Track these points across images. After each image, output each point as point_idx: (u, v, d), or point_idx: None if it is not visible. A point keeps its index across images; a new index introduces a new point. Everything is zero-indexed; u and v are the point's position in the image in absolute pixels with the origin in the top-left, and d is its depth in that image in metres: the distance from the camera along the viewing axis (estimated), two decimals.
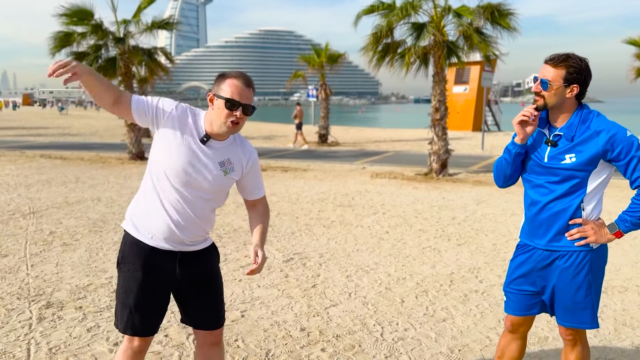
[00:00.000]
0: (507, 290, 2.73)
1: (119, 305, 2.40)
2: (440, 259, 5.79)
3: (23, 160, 14.47)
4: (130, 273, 2.37)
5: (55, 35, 14.20)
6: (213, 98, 2.31)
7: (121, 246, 2.44)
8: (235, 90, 2.27)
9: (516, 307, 2.69)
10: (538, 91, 2.51)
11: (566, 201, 2.49)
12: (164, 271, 2.40)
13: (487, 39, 12.13)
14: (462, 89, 30.18)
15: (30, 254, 5.76)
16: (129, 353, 2.40)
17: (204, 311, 2.51)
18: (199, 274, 2.48)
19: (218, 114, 2.29)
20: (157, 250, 2.37)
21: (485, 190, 10.33)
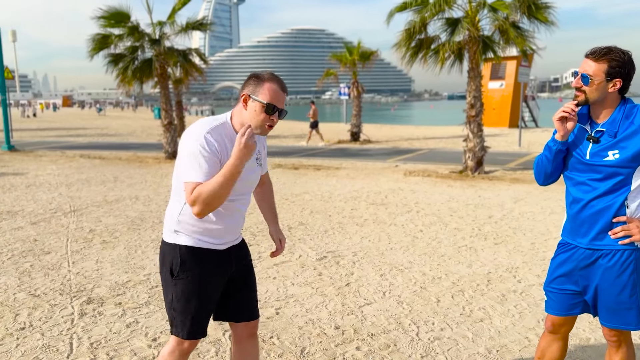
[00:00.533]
0: (547, 289, 2.67)
1: (179, 313, 2.36)
2: (476, 258, 5.69)
3: (64, 160, 14.92)
4: (189, 279, 2.35)
5: (93, 37, 14.57)
6: (248, 99, 2.31)
7: (175, 255, 2.37)
8: (274, 95, 2.30)
9: (557, 306, 2.62)
10: (579, 86, 2.43)
11: (609, 199, 2.41)
12: (221, 271, 2.44)
13: (524, 33, 11.85)
14: (498, 84, 29.61)
15: (71, 251, 5.93)
16: (177, 355, 2.41)
17: (246, 302, 2.57)
18: (243, 265, 2.57)
19: (255, 116, 2.31)
20: (216, 252, 2.42)
21: (523, 188, 10.10)
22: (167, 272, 2.39)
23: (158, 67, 14.71)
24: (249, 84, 2.34)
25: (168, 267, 2.39)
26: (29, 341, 3.66)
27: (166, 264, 2.40)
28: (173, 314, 2.38)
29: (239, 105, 2.36)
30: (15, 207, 8.31)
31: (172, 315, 2.39)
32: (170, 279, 2.38)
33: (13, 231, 6.78)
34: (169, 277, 2.38)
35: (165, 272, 2.40)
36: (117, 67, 14.84)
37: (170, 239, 2.40)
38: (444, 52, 12.05)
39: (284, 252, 5.89)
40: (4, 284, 4.82)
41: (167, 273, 2.40)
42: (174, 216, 2.40)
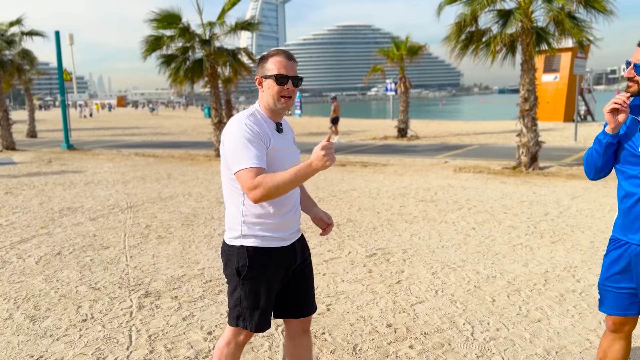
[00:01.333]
0: (602, 287, 2.57)
1: (248, 310, 2.39)
2: (532, 256, 5.52)
3: (119, 158, 15.47)
4: (258, 278, 2.38)
5: (146, 39, 15.01)
6: (261, 80, 2.38)
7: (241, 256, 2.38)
8: (280, 65, 2.35)
9: (612, 305, 2.53)
10: (631, 76, 2.35)
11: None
12: (285, 267, 2.47)
13: (580, 23, 11.37)
14: (552, 77, 28.58)
15: (128, 246, 6.14)
16: (233, 346, 2.46)
17: (304, 297, 2.59)
18: (304, 259, 2.59)
19: (270, 93, 2.35)
20: (282, 249, 2.44)
21: (580, 184, 9.72)
22: (234, 273, 2.40)
23: (208, 67, 14.99)
24: (258, 66, 2.41)
25: (234, 268, 2.40)
26: (91, 332, 3.82)
27: (232, 265, 2.41)
28: (240, 310, 2.40)
29: (259, 91, 2.41)
30: (75, 203, 8.68)
31: (238, 311, 2.41)
32: (237, 279, 2.40)
33: (74, 227, 7.08)
34: (236, 277, 2.40)
35: (231, 272, 2.42)
36: (169, 68, 15.22)
37: (235, 242, 2.40)
38: (496, 44, 11.71)
39: (334, 249, 5.89)
40: (67, 277, 5.04)
41: (233, 274, 2.41)
42: (236, 219, 2.40)
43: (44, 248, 6.06)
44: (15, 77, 21.74)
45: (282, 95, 2.34)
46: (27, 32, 19.82)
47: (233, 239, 2.41)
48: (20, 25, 19.59)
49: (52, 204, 8.63)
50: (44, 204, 8.63)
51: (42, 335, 3.78)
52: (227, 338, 2.47)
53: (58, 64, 18.93)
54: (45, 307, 4.30)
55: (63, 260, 5.58)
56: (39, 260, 5.61)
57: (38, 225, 7.17)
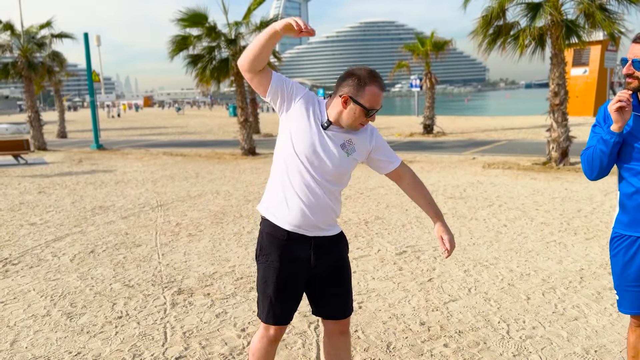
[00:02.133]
0: (620, 288, 2.52)
1: (260, 296, 2.48)
2: (567, 254, 5.40)
3: (148, 157, 15.71)
4: (268, 263, 2.44)
5: (173, 39, 15.19)
6: (348, 100, 2.31)
7: (258, 238, 2.52)
8: (376, 100, 2.33)
9: (630, 305, 2.49)
10: (631, 72, 2.32)
11: None
12: (299, 259, 2.44)
13: (612, 15, 11.08)
14: (581, 71, 27.95)
15: (160, 243, 6.22)
16: (265, 341, 2.49)
17: (334, 300, 2.54)
18: (332, 260, 2.51)
19: (353, 117, 2.33)
20: (293, 237, 2.40)
21: (613, 180, 9.46)
22: (255, 256, 2.55)
23: (234, 66, 15.09)
24: (349, 84, 2.32)
25: (256, 251, 2.54)
26: (127, 329, 3.88)
27: (256, 248, 2.55)
28: (258, 297, 2.51)
29: (336, 101, 2.35)
30: (107, 202, 8.84)
31: (258, 298, 2.52)
32: (256, 263, 2.53)
33: (106, 225, 7.21)
34: (256, 260, 2.54)
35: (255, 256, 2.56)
36: (196, 68, 15.40)
37: (261, 221, 2.52)
38: (524, 38, 11.51)
39: (363, 246, 5.87)
40: (101, 275, 5.14)
41: (255, 257, 2.55)
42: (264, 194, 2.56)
43: (77, 246, 6.18)
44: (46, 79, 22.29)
45: (362, 123, 2.36)
46: (56, 35, 20.25)
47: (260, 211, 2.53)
48: (50, 28, 20.03)
49: (84, 203, 8.80)
50: (76, 203, 8.81)
51: (79, 332, 3.86)
52: (260, 333, 2.52)
53: (87, 65, 19.30)
54: (81, 305, 4.38)
55: (97, 258, 5.69)
56: (73, 258, 5.73)
57: (71, 224, 7.33)
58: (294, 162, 2.36)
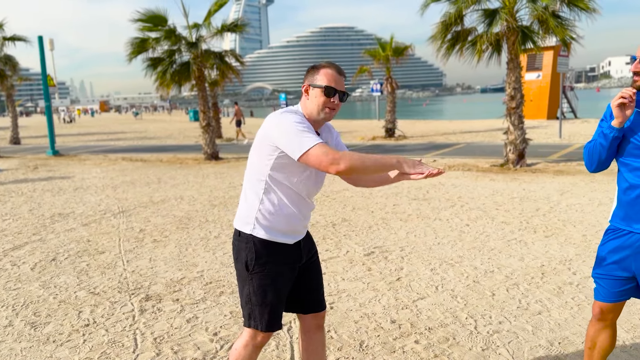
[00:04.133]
0: (597, 276, 2.64)
1: (257, 306, 2.41)
2: (528, 251, 5.60)
3: (107, 163, 15.34)
4: (265, 272, 2.40)
5: (131, 41, 14.87)
6: (308, 88, 2.41)
7: (250, 250, 2.41)
8: (330, 78, 2.38)
9: (608, 293, 2.60)
10: (638, 70, 2.41)
11: None
12: (293, 262, 2.49)
13: (564, 22, 11.56)
14: (534, 75, 28.95)
15: (124, 250, 6.10)
16: (250, 349, 2.45)
17: (314, 294, 2.62)
18: (311, 255, 2.63)
19: (316, 102, 2.38)
20: (288, 245, 2.46)
21: (568, 180, 9.87)
22: (243, 267, 2.43)
23: (196, 70, 14.93)
24: (308, 75, 2.44)
25: (243, 262, 2.42)
26: (95, 337, 3.79)
27: (241, 259, 2.43)
28: (251, 307, 2.42)
29: (303, 97, 2.44)
30: (66, 209, 8.59)
31: (249, 308, 2.42)
32: (246, 274, 2.42)
33: (66, 232, 7.01)
34: (245, 271, 2.42)
35: (240, 267, 2.44)
36: (155, 71, 15.13)
37: (245, 231, 2.42)
38: (482, 43, 11.86)
39: (332, 248, 5.92)
40: (64, 283, 5.00)
41: (242, 268, 2.43)
42: (252, 209, 2.41)
43: (38, 254, 5.99)
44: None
45: (327, 106, 2.38)
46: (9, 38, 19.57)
47: (244, 228, 2.43)
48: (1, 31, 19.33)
49: (43, 210, 8.53)
50: (34, 211, 8.53)
51: (44, 341, 3.75)
52: (244, 340, 2.46)
53: (42, 69, 18.71)
54: (45, 314, 4.26)
55: (59, 266, 5.53)
56: (34, 266, 5.55)
57: (30, 232, 7.09)
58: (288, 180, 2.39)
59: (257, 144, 2.37)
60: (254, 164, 2.41)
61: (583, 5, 11.26)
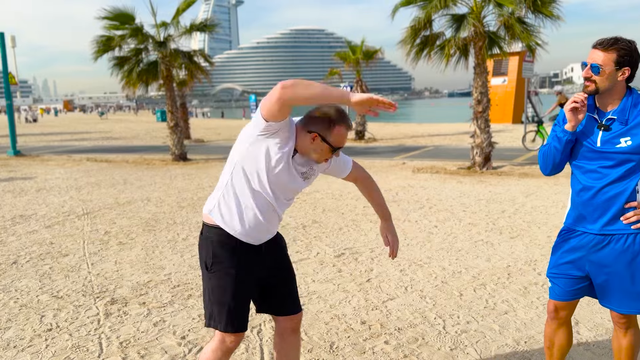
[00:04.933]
0: (552, 275, 2.71)
1: (215, 305, 2.39)
2: (494, 252, 5.70)
3: (70, 163, 14.95)
4: (224, 271, 2.39)
5: (97, 39, 14.55)
6: (317, 137, 2.34)
7: (208, 248, 2.43)
8: (342, 139, 2.37)
9: (562, 292, 2.67)
10: (589, 76, 2.48)
11: (621, 185, 2.46)
12: (253, 263, 2.45)
13: (529, 28, 11.85)
14: (500, 80, 29.56)
15: (89, 253, 5.95)
16: (220, 353, 2.42)
17: (288, 296, 2.60)
18: (281, 257, 2.61)
19: (320, 153, 2.37)
20: (250, 247, 2.44)
21: (533, 183, 10.11)
22: (203, 266, 2.47)
23: (164, 70, 14.71)
24: (319, 122, 2.34)
25: (203, 261, 2.46)
26: (58, 342, 3.68)
27: (202, 258, 2.47)
28: (211, 307, 2.42)
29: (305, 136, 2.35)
30: (28, 211, 8.34)
31: (210, 308, 2.42)
32: (206, 273, 2.45)
33: (28, 234, 6.80)
34: (205, 270, 2.45)
35: (202, 265, 2.48)
36: (122, 70, 14.84)
37: (206, 228, 2.45)
38: (450, 48, 12.04)
39: (302, 250, 5.90)
40: (26, 287, 4.84)
41: (203, 267, 2.47)
42: (214, 198, 2.45)
43: None
44: None
45: (327, 158, 2.40)
46: None
47: (205, 224, 2.45)
48: None
49: (3, 212, 8.25)
50: None
51: (4, 346, 3.62)
52: (214, 344, 2.43)
53: (3, 67, 18.12)
54: (5, 318, 4.11)
55: (20, 269, 5.35)
56: None
57: None
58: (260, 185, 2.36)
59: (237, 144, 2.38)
60: (228, 162, 2.44)
61: (547, 12, 11.55)
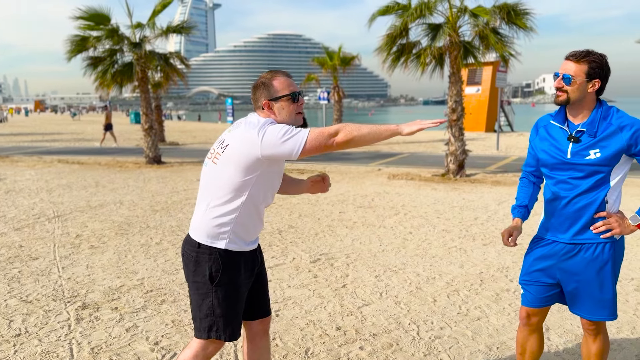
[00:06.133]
0: (524, 282, 2.77)
1: (222, 317, 2.35)
2: (467, 258, 5.78)
3: (41, 165, 14.63)
4: (232, 283, 2.36)
5: (71, 39, 14.30)
6: (271, 104, 2.34)
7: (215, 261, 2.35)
8: (288, 83, 2.38)
9: (534, 298, 2.73)
10: (561, 86, 2.53)
11: (591, 196, 2.52)
12: (253, 269, 2.50)
13: (504, 38, 12.10)
14: (474, 89, 30.06)
15: (59, 256, 5.82)
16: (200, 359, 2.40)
17: (263, 299, 2.62)
18: (263, 261, 2.65)
19: (286, 112, 2.36)
20: (250, 253, 2.46)
21: (505, 190, 10.29)
22: (205, 279, 2.34)
23: (139, 71, 14.53)
24: (260, 91, 2.38)
25: (206, 274, 2.34)
26: (27, 347, 3.59)
27: (202, 271, 2.35)
28: (213, 319, 2.34)
29: (265, 113, 2.37)
30: None
31: (211, 320, 2.34)
32: (208, 286, 2.34)
33: None
34: (208, 283, 2.34)
35: (201, 279, 2.35)
36: (95, 71, 14.63)
37: (207, 244, 2.35)
38: (425, 57, 12.21)
39: (278, 255, 5.89)
40: None
41: (204, 280, 2.34)
42: (225, 224, 2.33)
43: None
44: None
45: (298, 111, 2.38)
46: None
47: (207, 240, 2.35)
48: None
49: None
50: None
51: None
52: (194, 351, 2.39)
53: None
54: None
55: None
56: None
57: None
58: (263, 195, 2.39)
59: (235, 158, 2.27)
60: (229, 178, 2.29)
61: (521, 24, 11.82)
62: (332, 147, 2.15)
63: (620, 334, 3.86)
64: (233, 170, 2.28)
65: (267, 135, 2.20)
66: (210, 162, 2.38)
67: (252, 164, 2.26)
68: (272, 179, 2.40)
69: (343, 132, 2.13)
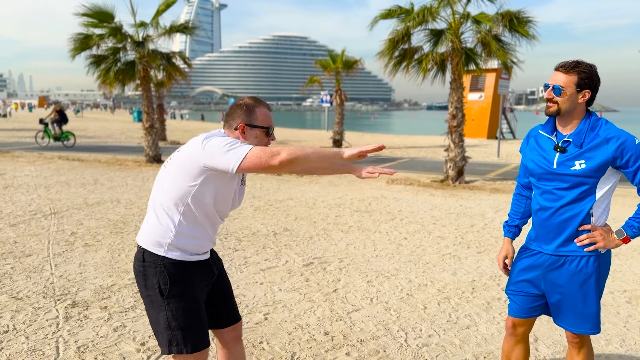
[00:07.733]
0: (510, 292, 2.76)
1: (179, 331, 2.28)
2: (460, 266, 5.77)
3: (41, 161, 14.66)
4: (182, 294, 2.31)
5: (75, 37, 14.33)
6: (246, 128, 2.36)
7: (161, 273, 2.30)
8: (268, 119, 2.42)
9: (520, 309, 2.72)
10: (551, 97, 2.53)
11: (577, 207, 2.51)
12: (207, 279, 2.46)
13: (506, 46, 12.10)
14: (477, 96, 30.06)
15: (53, 253, 5.83)
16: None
17: (229, 305, 2.60)
18: (221, 269, 2.63)
19: (257, 141, 2.38)
20: (201, 262, 2.42)
21: (503, 198, 10.27)
22: (156, 293, 2.30)
23: (141, 70, 14.56)
24: (239, 113, 2.38)
25: (155, 287, 2.29)
26: (14, 345, 3.59)
27: (151, 285, 2.30)
28: (171, 333, 2.29)
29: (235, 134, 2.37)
30: None
31: (169, 335, 2.29)
32: (160, 299, 2.29)
33: None
34: (159, 297, 2.29)
35: (152, 292, 2.31)
36: (98, 69, 14.65)
37: (150, 250, 2.31)
38: (427, 62, 12.21)
39: (271, 257, 5.88)
40: None
41: (155, 294, 2.30)
42: (166, 230, 2.30)
43: None
44: None
45: (265, 144, 2.41)
46: None
47: (153, 250, 2.31)
48: None
49: None
50: None
51: None
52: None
53: None
54: None
55: None
56: None
57: None
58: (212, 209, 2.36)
59: (181, 166, 2.25)
60: (174, 185, 2.27)
61: (523, 32, 11.82)
62: (276, 167, 2.09)
63: (609, 346, 3.84)
64: (177, 175, 2.27)
65: (211, 144, 2.18)
66: (163, 167, 2.39)
67: (194, 171, 2.23)
68: (224, 192, 2.32)
69: (286, 152, 2.10)
